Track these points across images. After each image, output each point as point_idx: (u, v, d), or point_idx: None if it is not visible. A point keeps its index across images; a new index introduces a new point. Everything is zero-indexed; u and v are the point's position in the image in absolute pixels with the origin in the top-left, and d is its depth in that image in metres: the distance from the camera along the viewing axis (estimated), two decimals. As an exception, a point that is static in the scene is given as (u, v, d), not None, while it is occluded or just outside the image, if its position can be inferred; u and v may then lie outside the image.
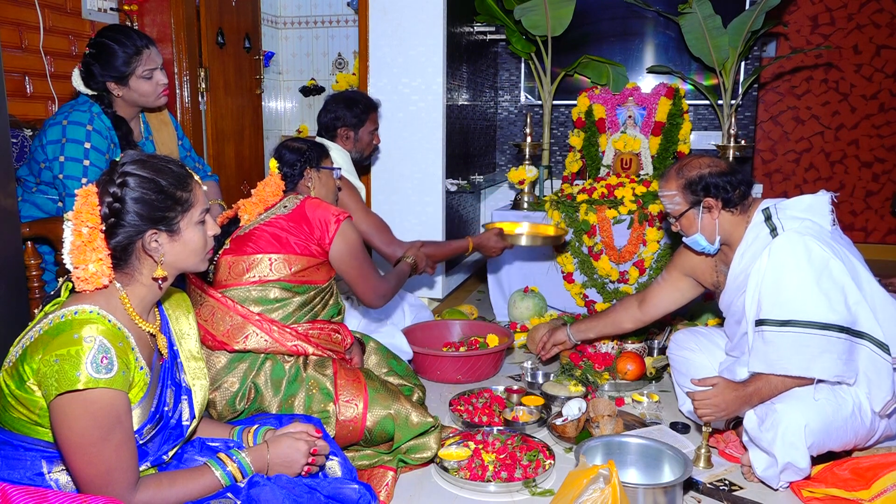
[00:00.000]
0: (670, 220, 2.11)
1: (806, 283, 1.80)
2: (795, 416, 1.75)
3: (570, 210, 3.36)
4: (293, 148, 2.20)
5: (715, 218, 2.00)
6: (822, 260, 1.81)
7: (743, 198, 1.99)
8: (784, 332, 1.81)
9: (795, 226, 1.87)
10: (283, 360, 1.93)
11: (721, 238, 2.03)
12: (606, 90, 3.83)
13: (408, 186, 3.42)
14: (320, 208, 2.04)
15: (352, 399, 1.90)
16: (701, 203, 1.99)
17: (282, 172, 2.13)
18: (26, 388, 1.23)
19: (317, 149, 2.23)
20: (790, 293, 1.82)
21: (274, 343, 1.91)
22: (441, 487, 1.92)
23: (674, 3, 3.79)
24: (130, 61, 2.25)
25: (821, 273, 1.81)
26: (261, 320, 1.91)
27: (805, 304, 1.80)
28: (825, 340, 1.78)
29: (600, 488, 1.51)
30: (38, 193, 2.27)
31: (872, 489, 1.73)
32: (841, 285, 1.81)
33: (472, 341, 2.92)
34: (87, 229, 1.26)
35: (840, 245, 1.88)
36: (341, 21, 5.01)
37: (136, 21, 3.09)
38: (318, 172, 2.22)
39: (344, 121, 2.75)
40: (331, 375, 1.93)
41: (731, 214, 2.00)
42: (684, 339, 2.33)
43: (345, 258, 2.06)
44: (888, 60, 4.55)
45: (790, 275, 1.82)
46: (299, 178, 2.18)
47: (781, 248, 1.85)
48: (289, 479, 1.42)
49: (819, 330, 1.79)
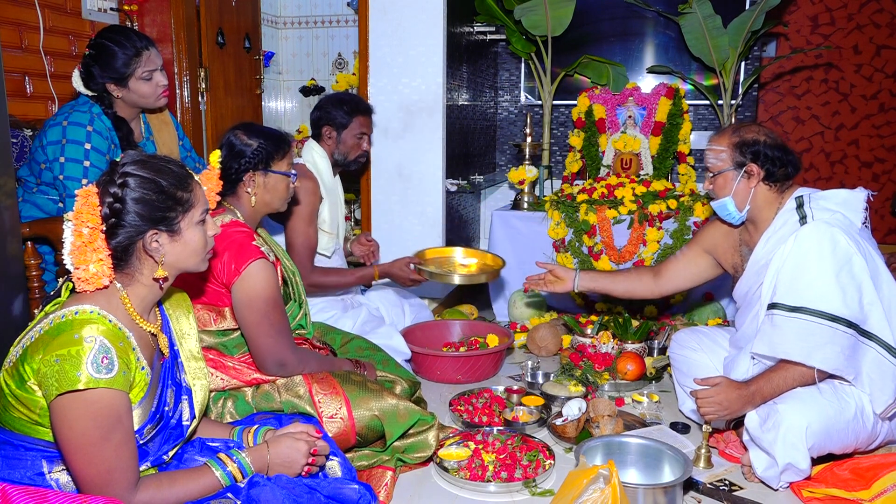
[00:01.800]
0: (707, 175, 2.10)
1: (825, 274, 1.81)
2: (797, 417, 1.75)
3: (570, 210, 3.36)
4: (241, 142, 1.90)
5: (752, 186, 1.99)
6: (846, 254, 1.82)
7: (785, 178, 1.98)
8: (793, 317, 1.82)
9: (826, 217, 1.87)
10: (244, 392, 1.85)
11: (749, 212, 2.03)
12: (606, 90, 3.83)
13: (408, 186, 3.42)
14: (230, 247, 1.79)
15: (335, 413, 1.83)
16: (744, 167, 1.98)
17: (223, 167, 1.72)
18: (27, 387, 1.23)
19: (269, 146, 1.92)
20: (807, 281, 1.83)
21: (231, 380, 1.84)
22: (441, 487, 1.92)
23: (674, 3, 3.79)
24: (130, 63, 2.24)
25: (842, 267, 1.81)
26: (215, 359, 1.83)
27: (820, 295, 1.81)
28: (832, 332, 1.79)
29: (600, 488, 1.51)
30: (38, 194, 2.27)
31: (872, 489, 1.73)
32: (859, 282, 1.82)
33: (472, 341, 2.92)
34: (88, 230, 1.26)
35: (866, 243, 1.88)
36: (341, 21, 5.01)
37: (135, 21, 3.09)
38: (265, 177, 1.93)
39: (328, 119, 2.68)
40: (306, 395, 1.84)
41: (768, 190, 1.99)
42: (686, 338, 2.33)
43: (240, 308, 1.80)
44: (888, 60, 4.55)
45: (811, 263, 1.83)
46: (239, 182, 1.91)
47: (808, 235, 1.85)
48: (289, 480, 1.42)
49: (828, 321, 1.79)
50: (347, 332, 2.33)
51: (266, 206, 1.98)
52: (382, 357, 2.23)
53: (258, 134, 1.93)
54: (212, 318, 1.86)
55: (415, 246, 3.43)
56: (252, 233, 1.89)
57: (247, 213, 1.96)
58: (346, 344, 2.26)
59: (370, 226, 3.49)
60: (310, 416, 1.83)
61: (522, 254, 3.45)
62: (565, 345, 3.01)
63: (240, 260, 1.78)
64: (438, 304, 3.54)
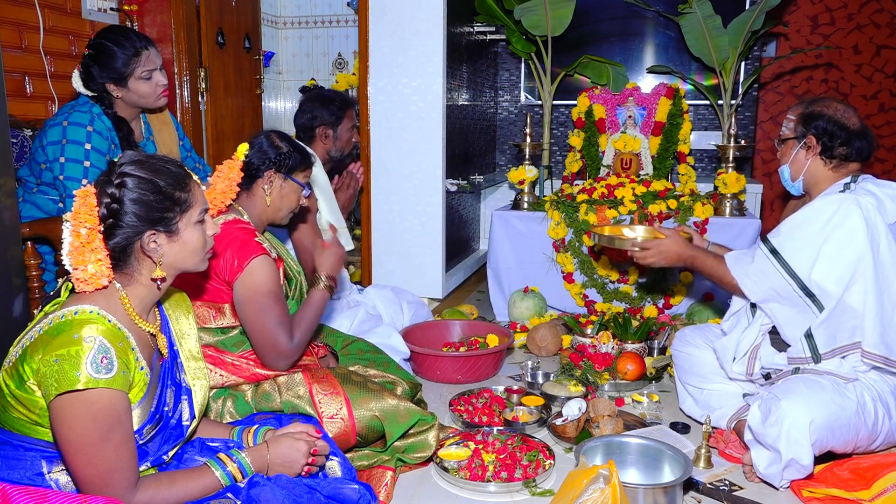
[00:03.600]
0: (777, 141, 2.16)
1: (815, 238, 1.88)
2: (800, 412, 1.75)
3: (570, 210, 3.36)
4: (272, 143, 1.97)
5: (807, 158, 2.04)
6: (852, 230, 1.85)
7: (844, 158, 2.00)
8: (767, 257, 1.96)
9: (861, 194, 1.90)
10: (243, 390, 1.86)
11: (805, 183, 2.09)
12: (606, 90, 3.83)
13: (408, 186, 3.41)
14: (232, 244, 1.80)
15: (336, 413, 1.83)
16: (805, 138, 2.03)
17: (247, 161, 1.86)
18: (26, 387, 1.23)
19: (298, 156, 1.99)
20: (800, 234, 1.91)
21: (230, 376, 1.85)
22: (441, 487, 1.92)
23: (674, 3, 3.79)
24: (129, 62, 2.24)
25: (838, 239, 1.86)
26: (214, 355, 1.85)
27: (800, 252, 1.91)
28: (783, 282, 1.94)
29: (600, 488, 1.51)
30: (38, 194, 2.27)
31: (873, 489, 1.73)
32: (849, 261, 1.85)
33: (472, 341, 2.92)
34: (86, 230, 1.26)
35: (892, 235, 1.88)
36: (341, 21, 5.01)
37: (135, 21, 3.09)
38: (283, 181, 1.97)
39: (322, 119, 2.72)
40: (306, 395, 1.84)
41: (824, 164, 2.03)
42: (689, 335, 2.33)
43: (242, 304, 1.80)
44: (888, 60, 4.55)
45: (814, 223, 1.90)
46: (259, 177, 1.94)
47: (830, 200, 1.91)
48: (289, 480, 1.42)
49: (787, 275, 1.92)
50: (349, 335, 2.33)
51: (275, 212, 1.99)
52: (384, 359, 2.22)
53: (290, 143, 2.00)
54: (211, 314, 1.86)
55: (415, 246, 3.43)
56: (254, 231, 1.90)
57: (253, 217, 1.97)
58: (347, 346, 2.25)
59: (370, 226, 3.49)
60: (310, 416, 1.83)
61: (522, 254, 3.45)
62: (565, 345, 3.01)
63: (242, 256, 1.79)
64: (438, 303, 3.54)
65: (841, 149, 1.99)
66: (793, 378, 1.93)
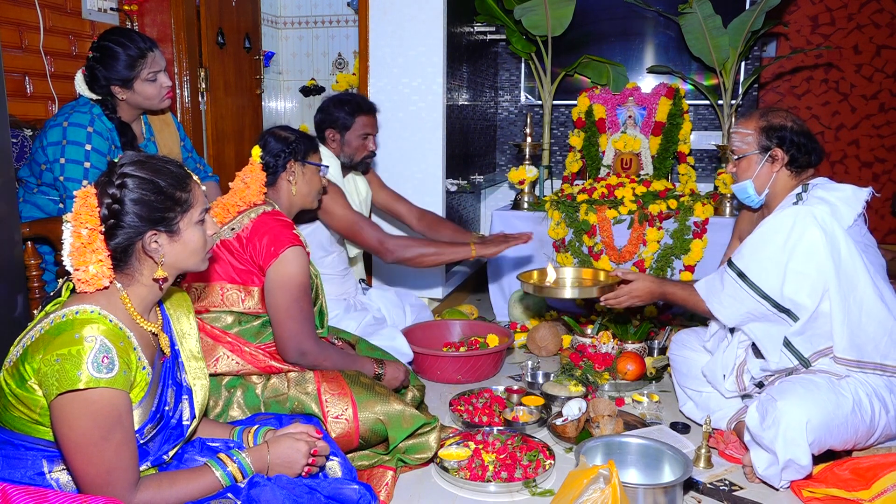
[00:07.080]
0: (731, 157, 2.13)
1: (778, 256, 1.88)
2: (797, 412, 1.75)
3: (571, 210, 3.36)
4: (279, 136, 2.05)
5: (774, 171, 2.04)
6: (812, 244, 1.84)
7: (807, 165, 2.02)
8: (736, 281, 1.96)
9: (814, 204, 1.90)
10: (254, 383, 1.87)
11: (767, 196, 2.08)
12: (606, 90, 3.83)
13: (408, 186, 3.41)
14: (270, 231, 1.86)
15: (341, 414, 1.84)
16: (769, 151, 2.02)
17: (264, 162, 1.97)
18: (27, 387, 1.23)
19: (305, 141, 2.08)
20: (764, 255, 1.91)
21: (245, 364, 1.86)
22: (441, 487, 1.92)
23: (674, 3, 3.79)
24: (135, 65, 2.24)
25: (801, 254, 1.86)
26: (233, 342, 1.86)
27: (766, 272, 1.91)
28: (756, 304, 1.94)
29: (600, 488, 1.51)
30: (39, 194, 2.27)
31: (873, 489, 1.73)
32: (815, 274, 1.85)
33: (472, 341, 2.92)
34: (87, 231, 1.26)
35: (850, 240, 1.87)
36: (341, 21, 5.01)
37: (135, 21, 3.09)
38: (302, 167, 2.06)
39: (331, 121, 2.64)
40: (314, 393, 1.86)
41: (788, 175, 2.03)
42: (686, 338, 2.33)
43: (272, 290, 1.84)
44: (888, 60, 4.54)
45: (774, 242, 1.89)
46: (282, 171, 2.04)
47: (786, 215, 1.90)
48: (289, 480, 1.42)
49: (759, 297, 1.92)
50: (354, 336, 2.33)
51: (303, 198, 2.09)
52: (390, 360, 2.24)
53: (291, 132, 2.09)
54: (240, 297, 1.89)
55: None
56: (292, 223, 1.96)
57: (284, 207, 2.04)
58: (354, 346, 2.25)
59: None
60: (313, 415, 1.84)
61: (522, 254, 3.45)
62: (565, 345, 3.01)
63: (279, 244, 1.84)
64: (438, 304, 3.54)
65: (806, 157, 2.00)
66: (788, 379, 1.93)
